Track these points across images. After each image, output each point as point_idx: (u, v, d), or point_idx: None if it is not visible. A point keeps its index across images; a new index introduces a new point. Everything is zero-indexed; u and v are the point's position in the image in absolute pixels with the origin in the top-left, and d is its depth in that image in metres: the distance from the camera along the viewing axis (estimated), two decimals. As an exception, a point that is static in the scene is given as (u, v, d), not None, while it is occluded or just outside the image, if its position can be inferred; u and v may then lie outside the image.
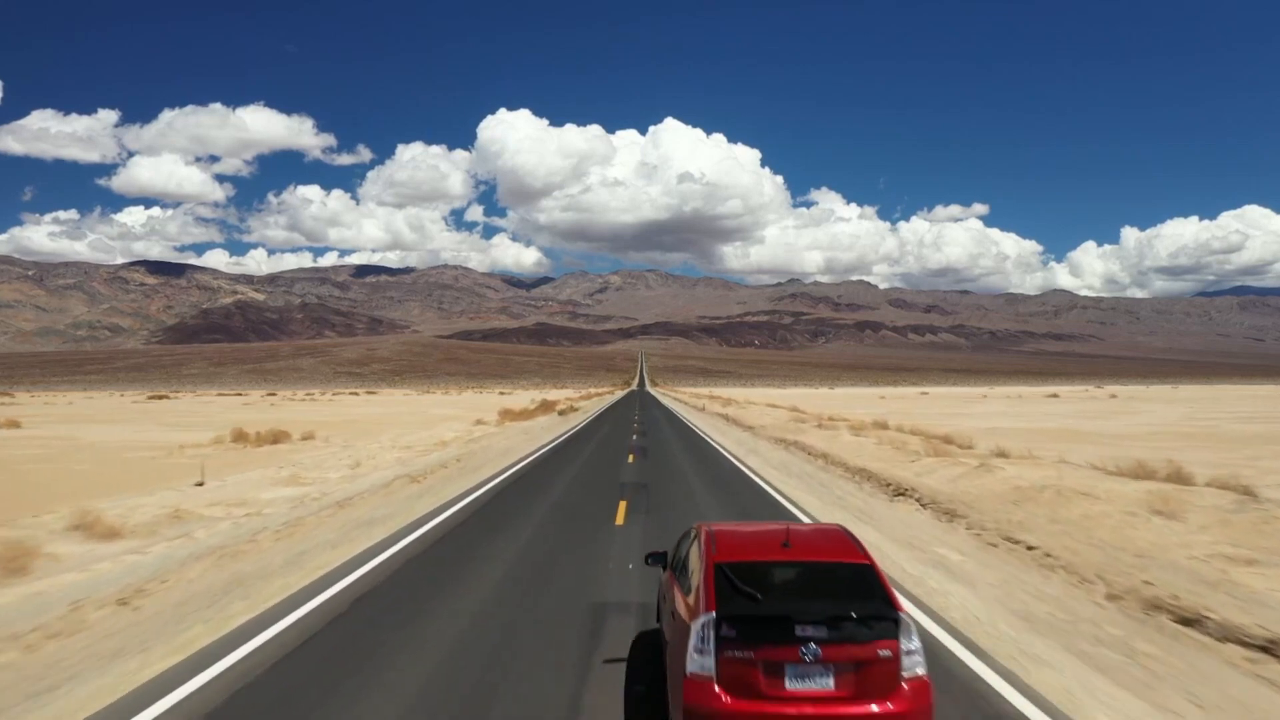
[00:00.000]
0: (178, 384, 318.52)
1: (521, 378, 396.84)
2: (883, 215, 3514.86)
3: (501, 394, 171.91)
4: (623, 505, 17.42)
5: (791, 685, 5.65)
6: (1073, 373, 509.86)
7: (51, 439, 40.99)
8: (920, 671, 5.82)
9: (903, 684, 5.72)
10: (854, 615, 5.75)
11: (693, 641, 5.83)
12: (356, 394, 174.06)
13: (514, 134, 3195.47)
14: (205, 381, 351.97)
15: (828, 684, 5.66)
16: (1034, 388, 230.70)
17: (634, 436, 39.33)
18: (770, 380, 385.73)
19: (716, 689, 5.67)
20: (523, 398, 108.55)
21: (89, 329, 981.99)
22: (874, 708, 5.62)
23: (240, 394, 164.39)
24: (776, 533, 6.70)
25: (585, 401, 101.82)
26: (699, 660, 5.76)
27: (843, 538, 6.79)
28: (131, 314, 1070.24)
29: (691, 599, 6.22)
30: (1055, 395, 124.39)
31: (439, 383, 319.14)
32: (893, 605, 5.88)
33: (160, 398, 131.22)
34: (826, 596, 5.97)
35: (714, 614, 5.81)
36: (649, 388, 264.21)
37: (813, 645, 5.64)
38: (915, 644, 5.85)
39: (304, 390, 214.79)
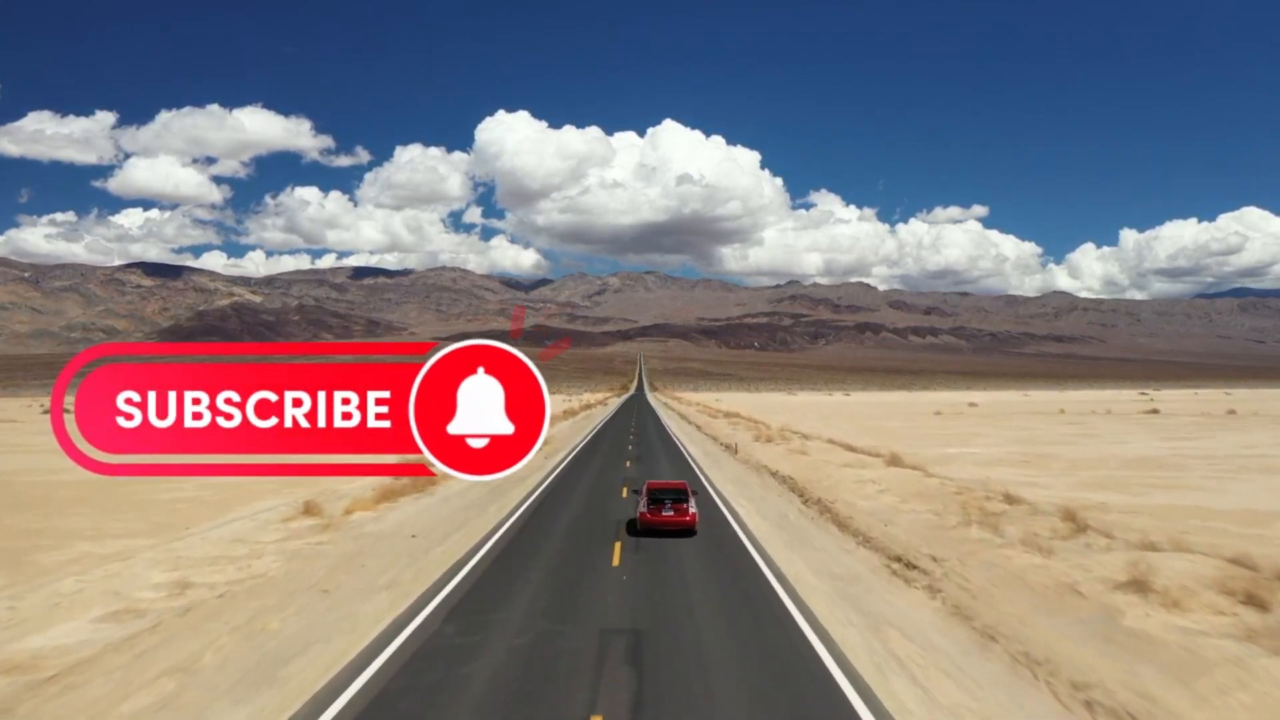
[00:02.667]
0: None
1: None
2: (882, 217, 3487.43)
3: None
4: None
5: (663, 513, 21.89)
6: (1082, 375, 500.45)
7: None
8: (694, 510, 22.27)
9: (689, 514, 22.00)
10: (678, 497, 22.47)
11: (642, 502, 22.62)
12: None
13: (512, 135, 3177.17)
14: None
15: (670, 513, 21.88)
16: (1108, 392, 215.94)
17: None
18: (774, 384, 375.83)
19: (646, 513, 22.01)
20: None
21: (83, 331, 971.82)
22: (680, 520, 21.88)
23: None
24: (666, 481, 25.30)
25: (565, 422, 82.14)
26: (643, 508, 22.31)
27: (683, 483, 24.46)
28: (127, 316, 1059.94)
29: (642, 493, 23.40)
30: (1155, 410, 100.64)
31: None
32: (688, 494, 22.77)
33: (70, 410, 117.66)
34: (673, 492, 22.80)
35: (646, 496, 22.64)
36: (649, 394, 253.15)
37: (667, 503, 22.07)
38: (693, 503, 22.48)
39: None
